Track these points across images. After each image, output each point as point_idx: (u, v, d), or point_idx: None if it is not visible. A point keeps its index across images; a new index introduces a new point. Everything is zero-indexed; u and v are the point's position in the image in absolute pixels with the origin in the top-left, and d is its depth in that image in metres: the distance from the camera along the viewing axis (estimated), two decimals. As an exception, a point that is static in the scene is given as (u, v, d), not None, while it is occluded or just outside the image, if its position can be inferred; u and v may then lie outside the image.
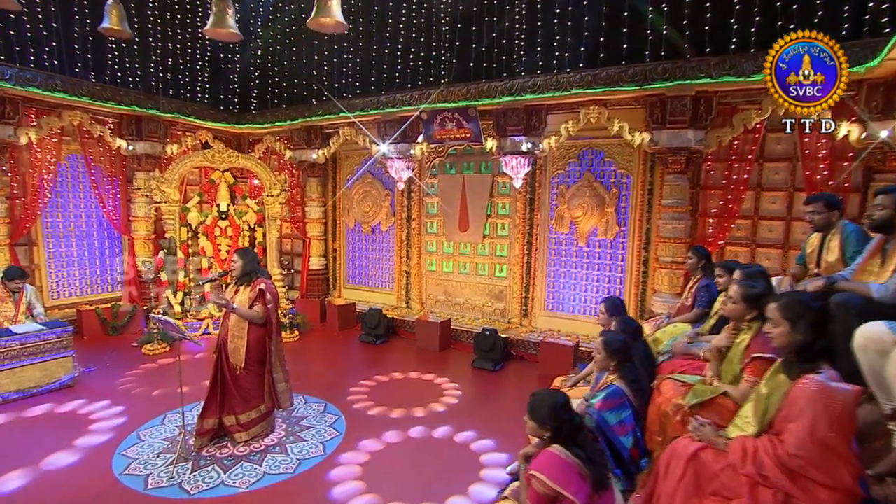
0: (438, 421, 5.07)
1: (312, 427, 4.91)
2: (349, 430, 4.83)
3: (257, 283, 4.42)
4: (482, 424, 4.98)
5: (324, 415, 5.19)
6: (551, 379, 6.07)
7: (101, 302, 8.04)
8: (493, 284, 7.80)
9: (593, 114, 6.21)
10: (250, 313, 4.33)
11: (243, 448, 4.45)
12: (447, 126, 7.16)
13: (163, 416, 5.05)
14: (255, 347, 4.43)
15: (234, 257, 4.48)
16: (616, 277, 6.78)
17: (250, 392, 4.51)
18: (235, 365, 4.43)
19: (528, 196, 7.29)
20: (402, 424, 4.98)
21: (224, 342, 4.48)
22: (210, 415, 4.51)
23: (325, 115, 8.23)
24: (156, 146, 8.22)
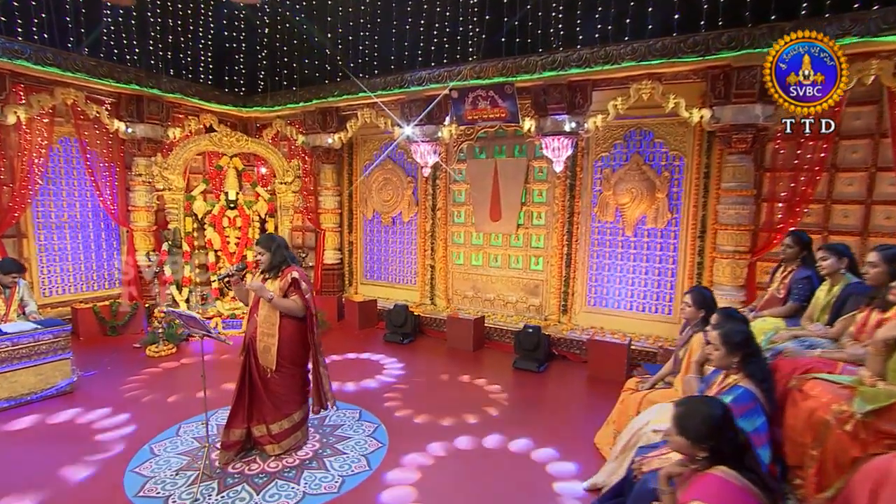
0: (491, 428, 4.55)
1: (350, 437, 4.38)
2: (393, 441, 4.30)
3: (288, 272, 3.87)
4: (539, 432, 4.47)
5: (360, 423, 4.65)
6: (604, 381, 5.65)
7: (98, 300, 7.43)
8: (527, 278, 7.29)
9: (646, 89, 5.72)
10: (289, 304, 3.79)
11: (275, 463, 3.91)
12: (480, 105, 6.64)
13: (177, 427, 4.48)
14: (287, 346, 3.88)
15: (257, 247, 3.92)
16: (667, 269, 6.30)
17: (283, 398, 3.96)
18: (266, 367, 3.89)
19: (569, 181, 6.79)
20: (450, 433, 4.46)
21: (252, 342, 3.93)
22: (237, 424, 3.97)
23: (343, 95, 7.69)
24: (157, 129, 7.62)
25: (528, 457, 4.09)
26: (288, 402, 3.99)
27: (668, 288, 6.30)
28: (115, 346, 6.63)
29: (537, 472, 3.87)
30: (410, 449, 4.17)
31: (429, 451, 4.15)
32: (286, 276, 3.86)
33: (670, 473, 2.18)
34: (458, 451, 4.18)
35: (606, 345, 5.89)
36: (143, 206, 7.61)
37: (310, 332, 3.91)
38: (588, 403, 5.27)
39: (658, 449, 3.12)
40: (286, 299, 3.80)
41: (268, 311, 3.83)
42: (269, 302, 3.75)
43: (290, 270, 3.88)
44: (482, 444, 4.29)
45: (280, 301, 3.77)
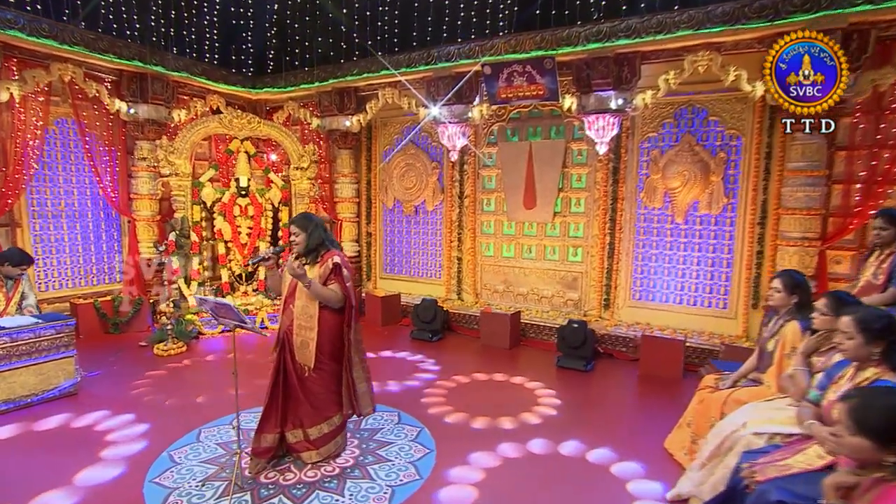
0: (546, 431, 4.23)
1: (392, 443, 4.04)
2: (441, 446, 3.97)
3: (328, 257, 3.53)
4: (600, 435, 4.16)
5: (400, 426, 4.32)
6: (658, 381, 5.33)
7: (98, 295, 7.08)
8: (565, 271, 6.96)
9: (702, 61, 5.39)
10: (326, 293, 3.45)
11: (312, 472, 3.57)
12: (516, 82, 6.31)
13: (197, 432, 4.15)
14: (328, 340, 3.54)
15: (292, 228, 3.57)
16: (722, 259, 5.97)
17: (323, 399, 3.62)
18: (303, 364, 3.55)
19: (612, 165, 6.47)
20: (502, 436, 4.14)
21: (287, 336, 3.59)
22: (269, 429, 3.63)
23: (363, 73, 7.35)
24: (161, 111, 7.27)
25: (592, 462, 3.78)
26: (328, 403, 3.64)
27: (722, 280, 5.97)
28: (119, 345, 6.28)
29: (607, 479, 3.55)
30: (462, 454, 3.85)
31: (483, 457, 3.82)
32: (326, 261, 3.52)
33: (841, 483, 1.85)
34: (515, 456, 3.85)
35: (661, 341, 5.57)
36: (147, 194, 7.27)
37: (346, 325, 3.57)
38: (646, 404, 4.95)
39: (769, 454, 2.80)
40: (323, 287, 3.46)
41: (306, 301, 3.49)
42: (308, 288, 3.41)
43: (332, 255, 3.54)
44: (540, 449, 3.97)
45: (317, 287, 3.42)
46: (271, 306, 7.19)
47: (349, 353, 3.60)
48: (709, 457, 3.30)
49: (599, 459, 3.82)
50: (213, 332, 6.68)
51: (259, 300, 7.23)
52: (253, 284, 7.44)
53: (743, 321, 5.83)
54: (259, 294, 7.34)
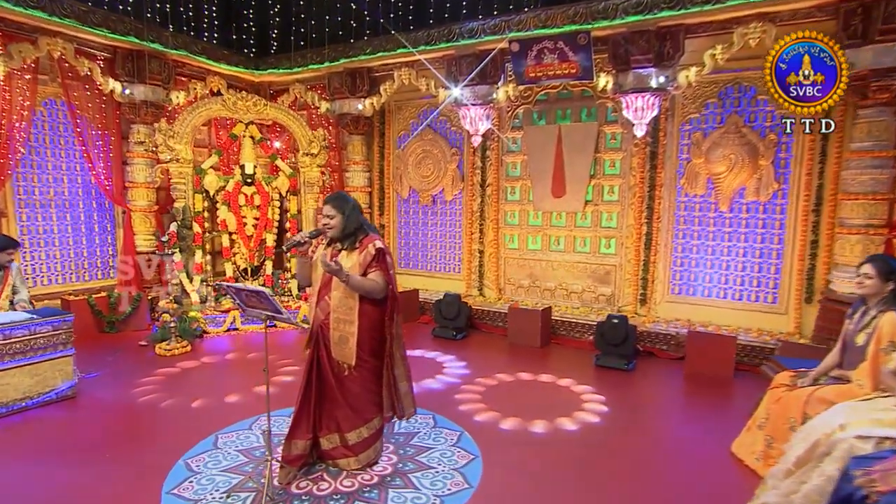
0: (597, 435, 4.00)
1: (432, 448, 3.79)
2: (486, 452, 3.72)
3: (368, 242, 3.27)
4: (658, 440, 3.94)
5: (437, 430, 4.07)
6: (708, 380, 5.11)
7: (91, 291, 6.77)
8: (597, 264, 6.73)
9: (754, 34, 5.18)
10: (367, 283, 3.18)
11: (349, 481, 3.31)
12: (546, 59, 6.08)
13: (213, 438, 3.87)
14: (369, 335, 3.29)
15: (326, 208, 3.31)
16: (770, 250, 5.76)
17: (363, 399, 3.37)
18: (342, 362, 3.29)
19: (649, 149, 6.24)
20: (550, 441, 3.90)
21: (322, 331, 3.33)
22: (301, 434, 3.37)
23: (377, 53, 7.09)
24: (158, 92, 6.99)
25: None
26: (368, 404, 3.39)
27: (771, 272, 5.76)
28: (117, 344, 5.98)
29: (679, 490, 3.31)
30: (512, 460, 3.60)
31: (531, 464, 3.57)
32: (366, 247, 3.26)
33: None
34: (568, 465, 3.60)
35: (709, 338, 5.36)
36: (143, 183, 6.99)
37: (388, 318, 3.31)
38: (700, 406, 4.72)
39: (886, 461, 2.57)
40: (364, 278, 3.19)
41: (344, 292, 3.23)
42: (345, 282, 3.15)
43: (372, 240, 3.28)
44: (595, 455, 3.72)
45: (356, 280, 3.16)
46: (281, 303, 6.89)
47: (391, 349, 3.35)
48: (796, 462, 3.06)
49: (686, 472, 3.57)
50: (219, 331, 6.39)
51: (266, 296, 6.93)
52: (260, 279, 7.16)
53: (795, 317, 5.62)
54: (266, 290, 7.04)
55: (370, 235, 3.33)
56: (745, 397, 4.68)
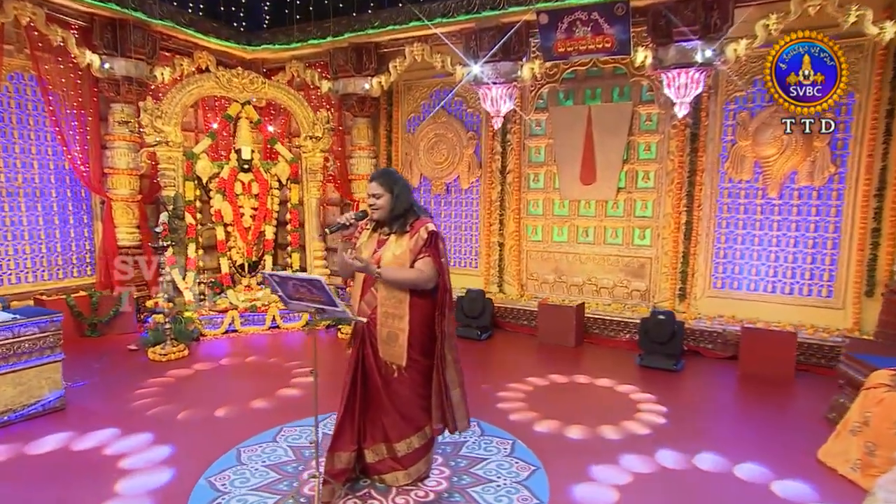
0: (664, 441, 3.79)
1: (485, 459, 3.56)
2: (547, 462, 3.50)
3: (420, 226, 3.02)
4: (732, 446, 3.75)
5: (486, 439, 3.85)
6: (767, 382, 4.96)
7: (66, 290, 6.37)
8: (630, 256, 6.56)
9: (815, 0, 5.05)
10: (411, 274, 2.93)
11: (401, 498, 3.07)
12: (577, 33, 5.87)
13: (235, 452, 3.58)
14: (421, 331, 3.04)
15: (372, 186, 3.04)
16: (825, 240, 5.63)
17: (413, 404, 3.11)
18: (391, 362, 3.02)
19: (689, 131, 6.09)
20: (614, 449, 3.70)
21: (368, 328, 3.06)
22: (344, 445, 3.11)
23: (387, 26, 6.82)
24: (141, 67, 6.63)
25: (745, 479, 3.34)
26: (419, 410, 3.13)
27: (826, 263, 5.64)
28: (102, 349, 5.62)
29: (772, 501, 3.12)
30: (577, 472, 3.39)
31: (607, 473, 3.36)
32: (417, 230, 3.00)
33: None
34: (646, 471, 3.40)
35: (766, 336, 5.22)
36: (125, 169, 6.62)
37: (439, 313, 3.05)
38: (766, 409, 4.54)
39: None
40: (403, 268, 2.94)
41: (390, 286, 2.97)
42: (379, 279, 2.90)
43: (424, 223, 3.03)
44: (672, 462, 3.53)
45: (392, 273, 2.91)
46: (280, 302, 6.59)
47: (441, 349, 3.08)
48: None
49: (752, 476, 3.38)
50: (216, 333, 6.07)
51: (266, 295, 6.62)
52: (258, 276, 6.84)
53: (854, 311, 5.49)
54: (266, 288, 6.74)
55: (421, 218, 3.08)
56: (814, 399, 4.57)
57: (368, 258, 3.01)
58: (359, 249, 3.10)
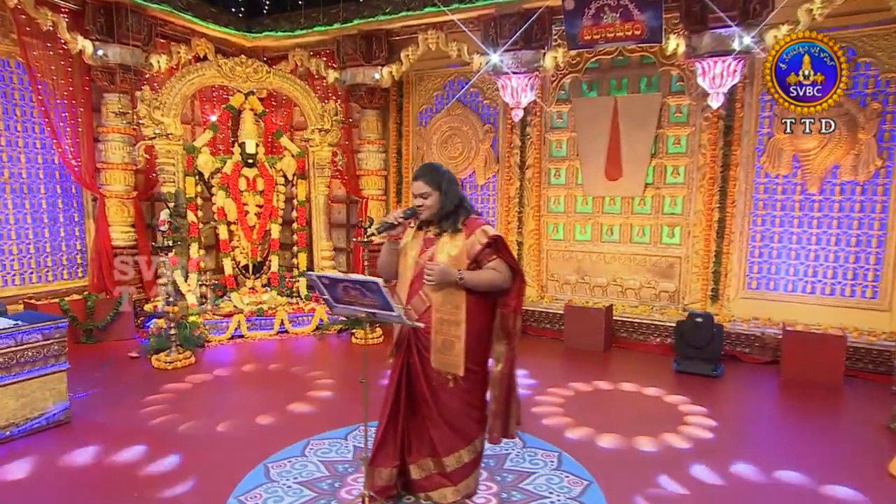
0: (721, 453, 3.70)
1: (533, 472, 3.46)
2: (599, 476, 3.39)
3: (476, 226, 2.89)
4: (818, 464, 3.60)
5: (529, 451, 3.74)
6: (814, 388, 4.88)
7: (56, 293, 6.19)
8: (658, 256, 6.49)
9: (865, -16, 5.01)
10: (493, 277, 2.81)
11: (457, 519, 2.94)
12: (606, 19, 5.79)
13: (262, 468, 3.44)
14: (477, 338, 2.91)
15: (418, 185, 2.91)
16: (869, 238, 5.57)
17: (465, 416, 2.99)
18: (445, 372, 2.90)
19: (723, 123, 6.02)
20: (666, 460, 3.62)
21: (417, 335, 2.93)
22: (385, 461, 2.99)
23: (400, 12, 6.71)
24: (137, 55, 6.46)
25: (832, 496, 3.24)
26: (470, 422, 3.01)
27: (870, 262, 5.59)
28: (102, 357, 5.43)
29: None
30: (633, 485, 3.30)
31: (665, 488, 3.28)
32: (473, 231, 2.87)
33: None
34: (713, 483, 3.31)
35: (812, 339, 5.15)
36: (120, 163, 6.44)
37: (514, 312, 2.94)
38: (819, 417, 4.50)
39: None
40: (484, 272, 2.82)
41: (449, 286, 2.85)
42: (460, 283, 2.77)
43: (479, 224, 2.91)
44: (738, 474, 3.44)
45: (475, 278, 2.79)
46: (289, 305, 6.46)
47: (513, 353, 2.98)
48: None
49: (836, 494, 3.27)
50: (222, 339, 5.92)
51: (273, 297, 6.48)
52: (263, 278, 6.69)
53: (899, 313, 5.47)
54: (272, 290, 6.60)
55: (473, 217, 2.96)
56: (870, 408, 4.51)
57: (415, 258, 2.90)
58: (404, 250, 2.99)
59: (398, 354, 3.02)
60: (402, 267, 2.99)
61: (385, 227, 2.89)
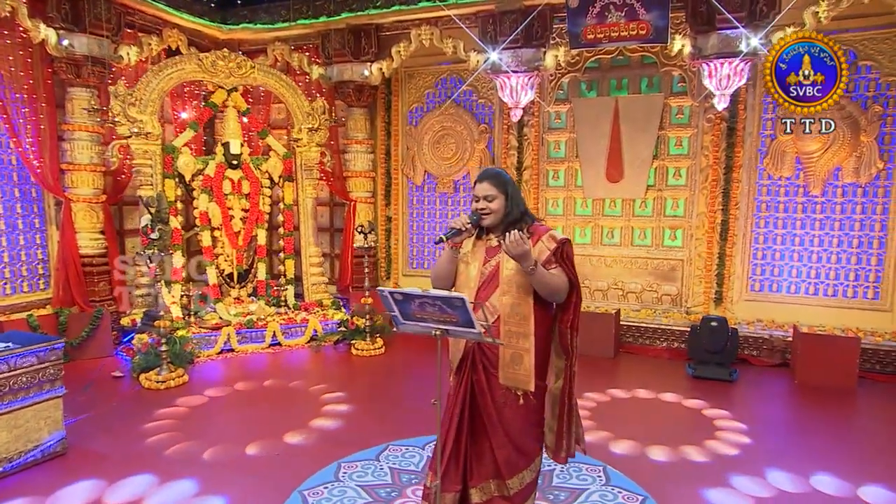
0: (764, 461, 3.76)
1: (583, 489, 3.42)
2: (653, 491, 3.38)
3: (543, 232, 2.82)
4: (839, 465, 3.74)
5: (575, 465, 3.67)
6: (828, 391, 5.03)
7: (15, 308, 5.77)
8: (659, 258, 6.59)
9: (869, -14, 5.21)
10: (556, 281, 2.74)
11: (513, 541, 2.87)
12: (610, 18, 5.85)
13: (297, 496, 3.26)
14: (543, 352, 2.86)
15: (483, 187, 2.81)
16: (870, 239, 5.82)
17: (529, 435, 2.91)
18: (514, 388, 2.81)
19: (726, 125, 6.17)
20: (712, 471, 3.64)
21: (483, 351, 2.84)
22: (448, 486, 2.86)
23: (392, 6, 6.58)
24: (105, 46, 6.11)
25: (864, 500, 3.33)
26: (532, 441, 2.93)
27: (872, 264, 5.83)
28: (81, 377, 5.06)
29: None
30: (689, 500, 3.29)
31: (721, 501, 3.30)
32: (540, 237, 2.80)
33: None
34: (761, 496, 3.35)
35: (824, 341, 5.32)
36: (88, 165, 6.08)
37: (572, 328, 2.88)
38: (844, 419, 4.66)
39: None
40: (552, 275, 2.76)
41: (517, 296, 2.76)
42: (532, 274, 2.69)
43: (545, 230, 2.84)
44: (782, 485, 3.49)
45: (544, 275, 2.72)
46: (278, 316, 6.22)
47: (572, 368, 2.92)
48: None
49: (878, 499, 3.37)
50: (211, 354, 5.64)
51: (261, 307, 6.22)
52: (248, 287, 6.42)
53: (900, 313, 5.73)
54: (259, 300, 6.33)
55: (537, 224, 2.89)
56: (890, 408, 4.69)
57: (479, 269, 2.82)
58: (464, 258, 2.89)
59: (461, 372, 2.91)
60: (465, 278, 2.89)
61: (454, 233, 2.78)
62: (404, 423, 4.27)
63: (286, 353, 5.97)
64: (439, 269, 2.92)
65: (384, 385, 5.23)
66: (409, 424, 4.21)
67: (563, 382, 2.91)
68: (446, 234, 2.80)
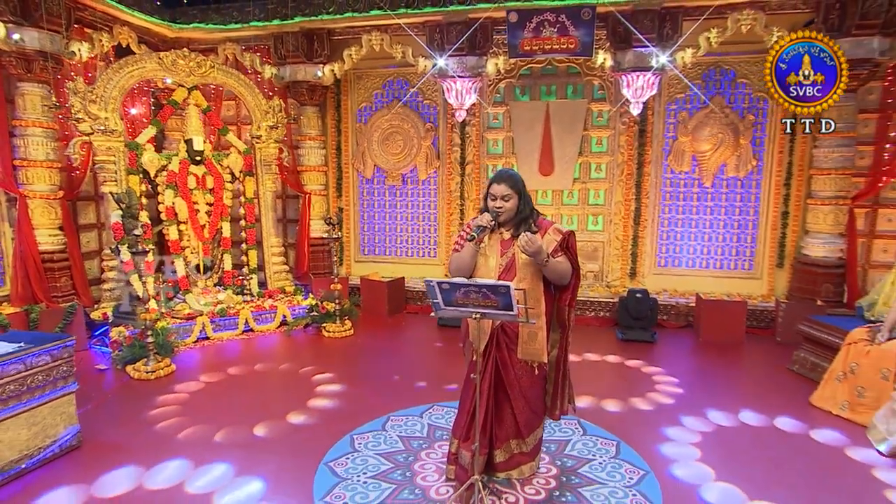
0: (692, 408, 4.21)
1: (564, 440, 3.68)
2: (622, 434, 3.73)
3: (548, 226, 3.05)
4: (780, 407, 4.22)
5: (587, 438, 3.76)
6: (723, 346, 5.67)
7: (-22, 307, 5.19)
8: (584, 241, 7.00)
9: (746, 20, 5.80)
10: (564, 267, 2.97)
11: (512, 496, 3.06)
12: (544, 33, 6.11)
13: (323, 468, 3.28)
14: (548, 327, 3.09)
15: (499, 188, 2.96)
16: (747, 221, 6.56)
17: (540, 397, 3.18)
18: (531, 361, 3.02)
19: (638, 128, 6.66)
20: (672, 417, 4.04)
21: (505, 331, 3.00)
22: (481, 450, 3.02)
23: (345, 13, 6.46)
24: (56, 41, 5.56)
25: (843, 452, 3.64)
26: (541, 401, 3.19)
27: (748, 241, 6.58)
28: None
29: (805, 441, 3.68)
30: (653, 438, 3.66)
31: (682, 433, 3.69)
32: (546, 230, 3.01)
33: None
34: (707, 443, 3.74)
35: (722, 306, 5.96)
36: (44, 161, 5.54)
37: (569, 306, 3.12)
38: (746, 368, 5.31)
39: None
40: (561, 262, 2.97)
41: (532, 282, 2.95)
42: (545, 265, 2.89)
43: (549, 224, 3.06)
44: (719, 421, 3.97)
45: (558, 263, 2.93)
46: (248, 304, 6.00)
47: (567, 340, 3.17)
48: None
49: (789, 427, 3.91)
50: (188, 343, 5.36)
51: (230, 297, 5.98)
52: (214, 278, 6.13)
53: (769, 281, 6.51)
54: (227, 289, 6.07)
55: (545, 220, 3.10)
56: (770, 355, 5.39)
57: (497, 260, 2.97)
58: (483, 251, 3.02)
59: (484, 351, 3.02)
60: (485, 269, 3.01)
61: (481, 230, 2.91)
62: (395, 396, 4.34)
63: (259, 338, 5.78)
64: (462, 262, 3.02)
65: (364, 363, 5.23)
66: (400, 397, 4.30)
67: (559, 352, 3.16)
68: (477, 232, 2.92)
